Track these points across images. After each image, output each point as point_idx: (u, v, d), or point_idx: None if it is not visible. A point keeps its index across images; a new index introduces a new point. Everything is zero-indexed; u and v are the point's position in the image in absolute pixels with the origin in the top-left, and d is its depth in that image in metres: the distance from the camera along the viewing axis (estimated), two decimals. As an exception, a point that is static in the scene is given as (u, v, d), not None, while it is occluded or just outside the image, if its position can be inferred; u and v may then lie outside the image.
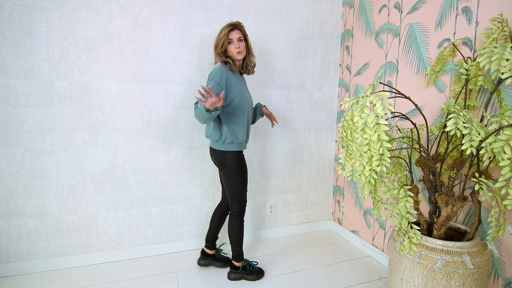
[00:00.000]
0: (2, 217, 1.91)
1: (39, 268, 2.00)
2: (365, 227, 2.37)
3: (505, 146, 1.05)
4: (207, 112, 1.52)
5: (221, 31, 1.75)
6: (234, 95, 1.71)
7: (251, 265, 1.97)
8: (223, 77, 1.67)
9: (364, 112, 1.20)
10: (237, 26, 1.74)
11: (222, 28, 1.76)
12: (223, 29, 1.75)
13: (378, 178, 1.47)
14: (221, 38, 1.73)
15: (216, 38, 1.77)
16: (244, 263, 1.96)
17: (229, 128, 1.74)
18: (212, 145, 1.82)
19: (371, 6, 2.23)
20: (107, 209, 2.11)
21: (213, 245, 2.08)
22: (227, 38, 1.72)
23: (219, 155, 1.78)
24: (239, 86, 1.76)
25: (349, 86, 2.52)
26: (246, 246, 2.41)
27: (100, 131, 2.04)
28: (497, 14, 1.40)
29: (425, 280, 1.28)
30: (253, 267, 1.97)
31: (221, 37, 1.73)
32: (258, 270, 1.97)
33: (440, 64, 1.64)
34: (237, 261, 1.94)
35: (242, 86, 1.81)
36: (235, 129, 1.75)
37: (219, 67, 1.72)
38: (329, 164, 2.73)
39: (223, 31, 1.74)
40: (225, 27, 1.74)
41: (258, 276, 1.95)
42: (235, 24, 1.74)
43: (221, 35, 1.73)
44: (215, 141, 1.78)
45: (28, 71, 1.86)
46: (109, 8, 1.97)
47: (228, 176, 1.80)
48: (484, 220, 1.49)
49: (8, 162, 1.88)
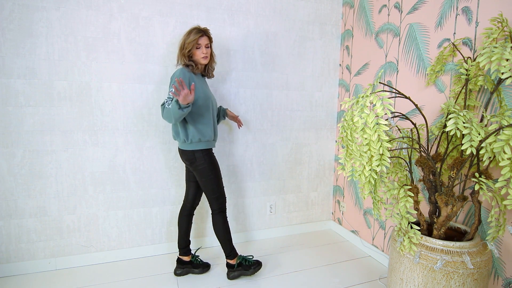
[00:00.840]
0: (2, 217, 1.91)
1: (39, 268, 2.00)
2: (365, 227, 2.37)
3: (505, 146, 1.05)
4: (180, 110, 1.57)
5: (190, 35, 1.76)
6: (198, 94, 1.75)
7: (246, 260, 1.97)
8: (185, 78, 1.70)
9: (364, 112, 1.20)
10: (206, 33, 1.80)
11: (191, 31, 1.77)
12: (192, 33, 1.76)
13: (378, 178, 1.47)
14: (190, 42, 1.76)
15: (184, 40, 1.77)
16: (239, 259, 1.96)
17: (195, 127, 1.76)
18: (180, 146, 1.85)
19: (371, 6, 2.23)
20: (107, 209, 2.11)
21: (188, 251, 2.01)
22: (196, 43, 1.77)
23: (189, 155, 1.81)
24: (202, 87, 1.81)
25: (349, 86, 2.52)
26: (247, 246, 2.41)
27: (100, 131, 2.04)
28: (497, 14, 1.40)
29: (425, 280, 1.28)
30: (249, 261, 1.97)
31: (190, 41, 1.76)
32: (254, 263, 1.97)
33: (440, 64, 1.64)
34: (231, 258, 1.93)
35: (205, 87, 1.85)
36: (202, 128, 1.78)
37: (181, 69, 1.75)
38: (329, 164, 2.73)
39: (192, 35, 1.76)
40: (195, 31, 1.77)
41: (256, 268, 1.95)
42: (204, 30, 1.79)
43: (190, 39, 1.75)
44: (183, 142, 1.80)
45: (28, 71, 1.86)
46: (109, 8, 1.97)
47: (201, 176, 1.82)
48: (484, 220, 1.49)
49: (8, 162, 1.88)
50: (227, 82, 2.30)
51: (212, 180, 1.83)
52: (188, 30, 1.80)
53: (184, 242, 2.00)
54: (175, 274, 1.98)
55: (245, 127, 2.40)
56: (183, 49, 1.78)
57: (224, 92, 2.30)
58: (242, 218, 2.48)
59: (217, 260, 2.17)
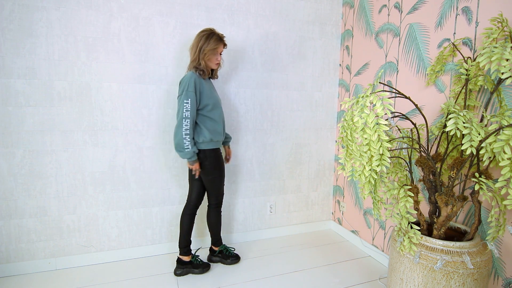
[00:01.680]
0: (2, 217, 1.91)
1: (39, 268, 2.00)
2: (365, 227, 2.37)
3: (505, 146, 1.05)
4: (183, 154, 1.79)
5: (209, 41, 1.80)
6: (208, 100, 1.84)
7: (227, 250, 2.14)
8: (196, 86, 1.79)
9: (364, 112, 1.20)
10: (224, 40, 1.87)
11: (209, 36, 1.81)
12: (213, 40, 1.80)
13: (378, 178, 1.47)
14: (211, 50, 1.81)
15: (202, 45, 1.80)
16: (221, 248, 2.14)
17: (207, 129, 1.86)
18: None
19: (371, 6, 2.23)
20: (107, 209, 2.11)
21: (189, 251, 2.02)
22: (216, 50, 1.83)
23: (200, 154, 1.89)
24: (210, 91, 1.89)
25: (349, 86, 2.52)
26: (247, 246, 2.41)
27: (100, 131, 2.04)
28: (497, 14, 1.40)
29: (425, 280, 1.28)
30: (230, 252, 2.14)
31: (210, 49, 1.80)
32: (234, 255, 2.14)
33: (440, 64, 1.64)
34: (216, 246, 2.15)
35: (213, 90, 1.93)
36: (213, 129, 1.89)
37: (190, 75, 1.80)
38: (329, 164, 2.73)
39: (212, 43, 1.80)
40: (215, 39, 1.81)
41: (234, 260, 2.12)
42: (223, 37, 1.85)
43: (211, 46, 1.80)
44: (195, 142, 1.87)
45: (28, 71, 1.86)
46: (109, 8, 1.97)
47: (207, 174, 1.92)
48: (484, 220, 1.49)
49: (8, 162, 1.88)
50: (227, 82, 2.30)
51: (217, 179, 1.96)
52: (204, 34, 1.81)
53: (185, 242, 2.00)
54: (175, 274, 1.98)
55: (245, 127, 2.40)
56: (200, 53, 1.81)
57: (224, 92, 2.30)
58: (242, 218, 2.48)
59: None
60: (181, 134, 1.76)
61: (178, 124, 1.77)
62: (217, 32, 1.85)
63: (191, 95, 1.76)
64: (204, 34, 1.82)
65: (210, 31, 1.84)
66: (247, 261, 2.18)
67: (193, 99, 1.77)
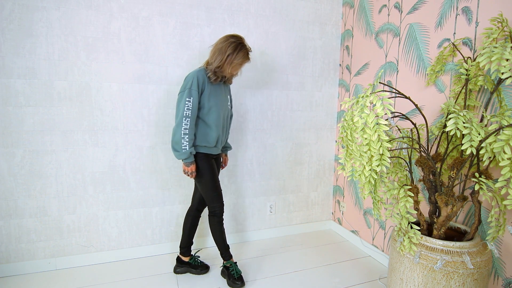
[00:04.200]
0: (2, 217, 1.91)
1: (39, 268, 2.00)
2: (365, 227, 2.37)
3: (505, 146, 1.05)
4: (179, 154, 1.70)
5: (237, 54, 1.72)
6: (206, 102, 1.75)
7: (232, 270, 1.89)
8: (200, 84, 1.72)
9: (364, 112, 1.20)
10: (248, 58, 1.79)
11: (237, 48, 1.72)
12: (241, 54, 1.73)
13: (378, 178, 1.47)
14: (238, 64, 1.76)
15: (230, 54, 1.71)
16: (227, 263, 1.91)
17: (200, 133, 1.78)
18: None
19: (371, 6, 2.23)
20: (107, 209, 2.11)
21: (188, 252, 2.01)
22: (242, 64, 1.79)
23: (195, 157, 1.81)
24: (215, 94, 1.79)
25: (349, 86, 2.52)
26: (247, 246, 2.41)
27: (100, 131, 2.04)
28: (497, 14, 1.40)
29: (425, 280, 1.28)
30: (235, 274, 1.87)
31: (237, 63, 1.75)
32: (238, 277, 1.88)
33: (440, 64, 1.64)
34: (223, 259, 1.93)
35: (219, 94, 1.82)
36: (205, 134, 1.79)
37: (196, 72, 1.73)
38: (329, 164, 2.73)
39: (240, 57, 1.73)
40: (243, 54, 1.74)
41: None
42: (248, 55, 1.78)
43: (238, 61, 1.74)
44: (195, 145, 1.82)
45: (28, 71, 1.86)
46: (109, 8, 1.97)
47: (196, 178, 1.83)
48: (484, 220, 1.49)
49: (8, 162, 1.88)
50: (227, 82, 2.30)
51: (204, 184, 1.82)
52: (234, 42, 1.72)
53: (185, 242, 2.00)
54: (175, 272, 2.00)
55: (245, 127, 2.40)
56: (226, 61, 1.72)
57: (224, 92, 2.30)
58: (242, 218, 2.48)
59: (215, 261, 2.17)
60: (179, 133, 1.68)
61: (178, 122, 1.69)
62: (246, 45, 1.76)
63: (194, 94, 1.70)
64: (234, 42, 1.72)
65: (239, 41, 1.74)
66: (247, 261, 2.18)
67: (196, 98, 1.70)
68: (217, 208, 1.85)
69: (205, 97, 1.75)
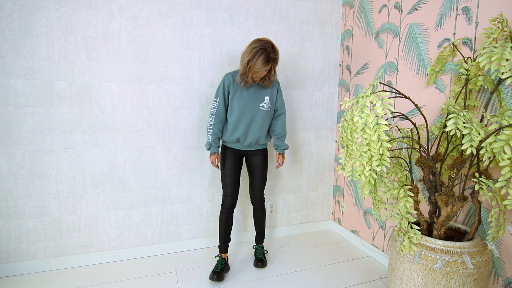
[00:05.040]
0: (2, 217, 1.91)
1: (39, 268, 2.00)
2: (365, 227, 2.37)
3: (505, 146, 1.05)
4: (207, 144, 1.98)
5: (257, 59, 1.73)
6: (229, 103, 1.94)
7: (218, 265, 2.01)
8: (225, 87, 1.91)
9: (364, 112, 1.20)
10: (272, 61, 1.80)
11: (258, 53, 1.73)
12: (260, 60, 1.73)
13: (378, 178, 1.47)
14: (258, 71, 1.77)
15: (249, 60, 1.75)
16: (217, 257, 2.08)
17: (226, 129, 1.99)
18: None
19: (371, 6, 2.23)
20: (107, 209, 2.11)
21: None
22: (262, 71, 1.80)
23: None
24: (240, 96, 1.90)
25: (349, 86, 2.52)
26: (247, 246, 2.41)
27: (100, 131, 2.04)
28: (497, 14, 1.40)
29: (425, 280, 1.28)
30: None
31: (257, 70, 1.77)
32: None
33: (440, 64, 1.64)
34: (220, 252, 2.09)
35: (245, 96, 1.91)
36: (227, 130, 1.98)
37: (225, 75, 1.92)
38: (329, 164, 2.73)
39: (260, 64, 1.74)
40: (263, 60, 1.74)
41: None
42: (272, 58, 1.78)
43: (258, 67, 1.75)
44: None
45: (28, 71, 1.86)
46: (109, 8, 1.97)
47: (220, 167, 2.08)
48: (484, 220, 1.49)
49: (8, 162, 1.88)
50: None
51: (221, 175, 2.05)
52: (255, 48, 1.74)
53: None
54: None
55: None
56: (247, 67, 1.78)
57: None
58: (242, 218, 2.48)
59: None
60: (207, 128, 1.97)
61: (208, 119, 2.01)
62: (269, 50, 1.75)
63: (220, 94, 1.92)
64: (254, 48, 1.75)
65: (261, 47, 1.74)
66: (247, 261, 2.18)
67: (222, 98, 1.91)
68: (225, 199, 2.03)
69: (230, 99, 1.92)
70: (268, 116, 1.99)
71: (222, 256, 2.04)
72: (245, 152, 2.04)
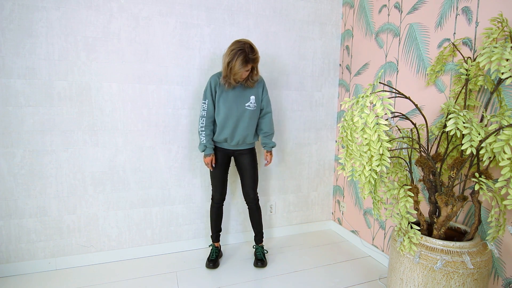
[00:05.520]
0: (2, 217, 1.91)
1: (39, 268, 2.00)
2: (365, 227, 2.37)
3: (505, 146, 1.05)
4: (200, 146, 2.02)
5: (236, 60, 1.76)
6: (216, 103, 1.96)
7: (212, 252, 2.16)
8: (212, 88, 1.95)
9: (364, 112, 1.20)
10: (252, 61, 1.81)
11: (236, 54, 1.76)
12: (239, 61, 1.76)
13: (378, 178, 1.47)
14: (238, 71, 1.79)
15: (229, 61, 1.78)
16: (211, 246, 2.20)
17: (215, 130, 2.03)
18: None
19: (371, 6, 2.23)
20: (107, 209, 2.11)
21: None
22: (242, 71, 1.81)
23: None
24: (226, 97, 1.93)
25: (349, 86, 2.52)
26: (247, 246, 2.41)
27: (100, 131, 2.04)
28: (497, 14, 1.40)
29: (425, 280, 1.28)
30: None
31: (236, 71, 1.79)
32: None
33: (440, 64, 1.64)
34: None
35: (231, 96, 1.93)
36: (217, 129, 2.01)
37: (211, 77, 1.96)
38: (329, 164, 2.73)
39: (238, 65, 1.77)
40: (241, 60, 1.76)
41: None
42: (252, 59, 1.80)
43: (237, 69, 1.78)
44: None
45: (28, 71, 1.86)
46: (109, 8, 1.97)
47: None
48: (484, 220, 1.49)
49: (8, 162, 1.88)
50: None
51: (211, 173, 2.10)
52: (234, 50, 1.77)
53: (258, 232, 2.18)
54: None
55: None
56: (228, 69, 1.81)
57: (224, 92, 2.30)
58: (242, 218, 2.48)
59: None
60: (198, 130, 2.01)
61: (198, 121, 2.06)
62: (247, 50, 1.77)
63: (208, 96, 1.96)
64: (233, 50, 1.78)
65: (239, 48, 1.77)
66: (247, 261, 2.18)
67: (210, 99, 1.96)
68: (215, 194, 2.12)
69: (217, 100, 1.96)
70: (254, 115, 2.01)
71: (215, 245, 2.17)
72: (232, 151, 2.07)
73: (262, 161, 2.43)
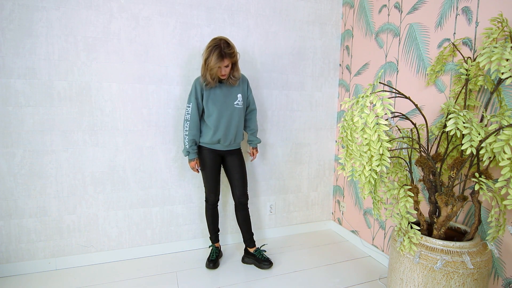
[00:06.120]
0: (2, 217, 1.91)
1: (39, 268, 2.00)
2: (365, 227, 2.37)
3: (505, 146, 1.05)
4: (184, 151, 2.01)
5: (212, 56, 1.77)
6: (204, 106, 1.95)
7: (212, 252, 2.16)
8: (197, 91, 1.93)
9: (364, 112, 1.20)
10: (228, 56, 1.81)
11: (212, 50, 1.77)
12: (214, 56, 1.77)
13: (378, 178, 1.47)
14: (213, 68, 1.80)
15: (206, 58, 1.81)
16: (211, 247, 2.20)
17: (204, 132, 2.01)
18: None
19: (371, 6, 2.23)
20: (107, 209, 2.11)
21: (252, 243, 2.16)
22: (219, 67, 1.82)
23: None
24: (214, 98, 1.93)
25: (349, 86, 2.52)
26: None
27: (100, 131, 2.04)
28: (497, 14, 1.40)
29: (425, 280, 1.28)
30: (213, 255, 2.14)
31: (213, 66, 1.79)
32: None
33: (440, 64, 1.64)
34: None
35: (219, 96, 1.94)
36: (205, 131, 2.00)
37: (195, 80, 1.95)
38: (329, 164, 2.73)
39: (214, 60, 1.77)
40: (216, 55, 1.77)
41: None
42: (227, 53, 1.80)
43: (213, 64, 1.78)
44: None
45: (28, 71, 1.86)
46: (109, 8, 1.97)
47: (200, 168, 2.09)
48: (484, 220, 1.49)
49: (8, 162, 1.88)
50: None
51: (203, 175, 2.08)
52: (210, 46, 1.80)
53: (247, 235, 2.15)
54: (242, 261, 2.17)
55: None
56: (205, 66, 1.83)
57: (224, 92, 2.30)
58: (242, 218, 2.48)
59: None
60: (183, 135, 1.99)
61: (183, 126, 2.02)
62: (222, 46, 1.78)
63: (192, 100, 1.93)
64: (209, 47, 1.80)
65: (215, 44, 1.79)
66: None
67: (194, 103, 1.93)
68: (209, 196, 2.10)
69: (204, 102, 1.93)
70: (242, 113, 2.04)
71: (216, 245, 2.18)
72: (224, 152, 2.06)
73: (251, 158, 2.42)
